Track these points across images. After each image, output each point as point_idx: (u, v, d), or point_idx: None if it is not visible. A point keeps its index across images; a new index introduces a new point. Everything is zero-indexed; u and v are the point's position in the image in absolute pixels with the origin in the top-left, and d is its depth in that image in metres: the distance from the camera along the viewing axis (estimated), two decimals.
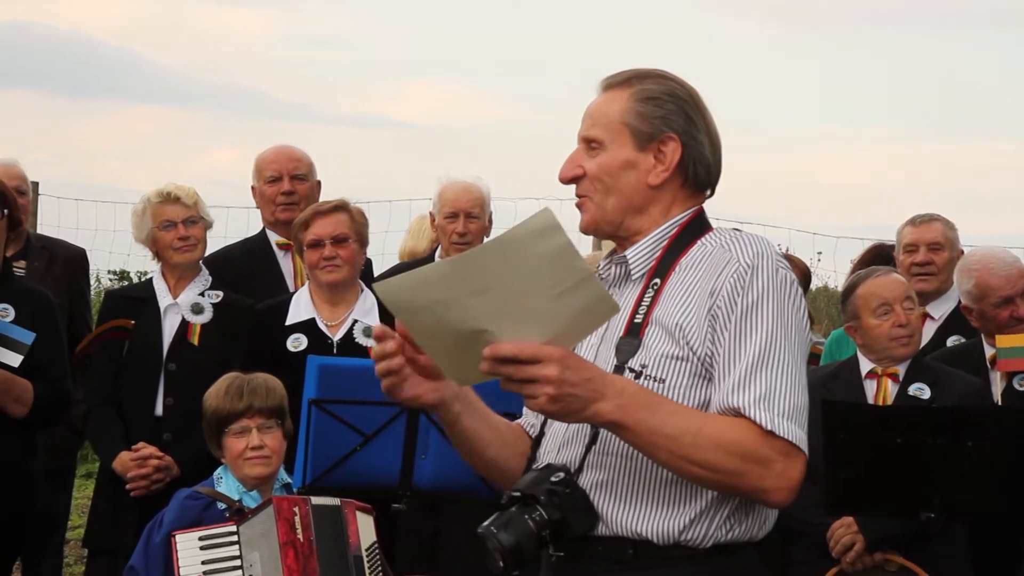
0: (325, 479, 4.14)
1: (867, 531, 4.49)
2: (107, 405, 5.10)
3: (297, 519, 3.96)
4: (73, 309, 5.86)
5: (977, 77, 23.61)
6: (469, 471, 2.92)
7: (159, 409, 5.05)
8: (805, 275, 6.52)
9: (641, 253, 2.63)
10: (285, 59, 27.12)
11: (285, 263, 5.67)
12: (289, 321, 4.99)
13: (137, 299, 5.22)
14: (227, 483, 4.20)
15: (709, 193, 2.70)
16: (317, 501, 4.04)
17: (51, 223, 10.16)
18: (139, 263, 10.97)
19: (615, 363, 2.52)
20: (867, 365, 4.76)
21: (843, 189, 20.14)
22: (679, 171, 2.62)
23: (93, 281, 8.03)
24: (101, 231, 10.47)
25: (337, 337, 4.95)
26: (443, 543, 4.94)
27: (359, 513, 4.11)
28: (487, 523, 2.44)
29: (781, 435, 2.40)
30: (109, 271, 11.94)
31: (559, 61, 24.51)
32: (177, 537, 3.99)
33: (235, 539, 3.98)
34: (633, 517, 2.49)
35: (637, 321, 2.54)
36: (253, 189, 5.80)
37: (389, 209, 9.81)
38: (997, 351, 4.88)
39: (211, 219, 5.31)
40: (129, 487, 4.93)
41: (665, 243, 2.62)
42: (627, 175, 2.61)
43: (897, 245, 5.69)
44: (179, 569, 3.94)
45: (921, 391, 4.65)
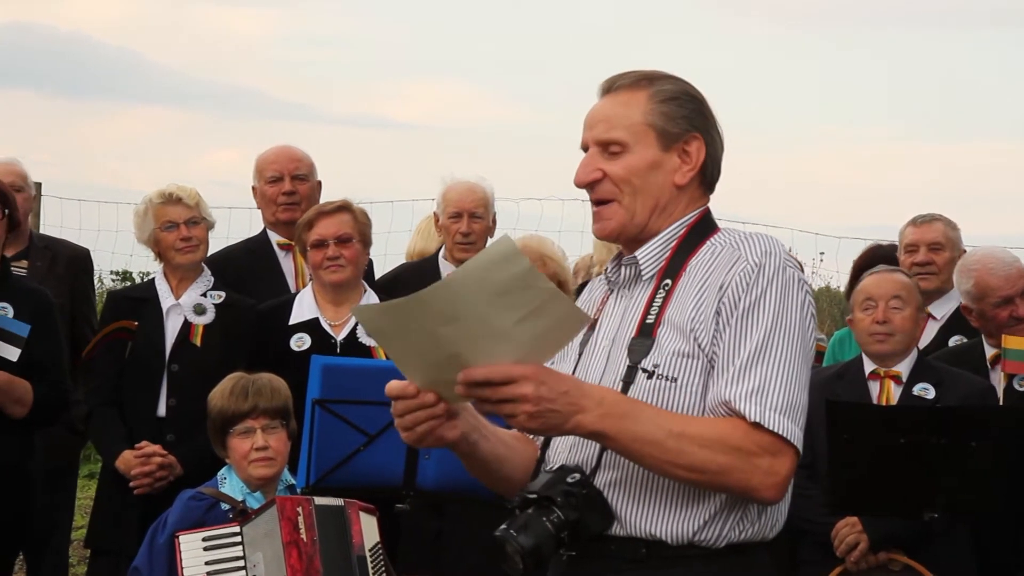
0: (329, 479, 4.14)
1: (871, 531, 4.49)
2: (109, 405, 5.09)
3: (300, 519, 3.96)
4: (76, 309, 5.85)
5: (977, 77, 23.64)
6: None
7: (162, 410, 5.05)
8: None
9: (651, 254, 2.63)
10: (285, 59, 27.14)
11: (286, 263, 5.66)
12: (292, 321, 4.99)
13: (139, 300, 5.21)
14: (231, 484, 4.20)
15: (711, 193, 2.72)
16: (320, 501, 4.03)
17: (54, 224, 10.13)
18: (142, 264, 10.96)
19: (627, 364, 2.51)
20: (870, 366, 4.76)
21: (843, 189, 20.17)
22: (701, 170, 2.64)
23: (96, 282, 7.99)
24: (104, 231, 10.47)
25: (341, 337, 4.95)
26: (446, 543, 4.92)
27: (362, 513, 4.10)
28: (505, 526, 2.43)
29: (769, 428, 2.40)
30: (112, 272, 11.92)
31: (559, 61, 24.54)
32: (181, 538, 3.99)
33: (239, 540, 3.98)
34: (648, 518, 2.49)
35: (649, 322, 2.54)
36: (254, 189, 5.79)
37: (391, 210, 9.78)
38: (1004, 352, 4.87)
39: (213, 220, 5.31)
40: (132, 485, 4.92)
41: (674, 243, 2.62)
42: (654, 176, 2.61)
43: (899, 245, 5.69)
44: (183, 570, 3.94)
45: (926, 391, 4.65)
